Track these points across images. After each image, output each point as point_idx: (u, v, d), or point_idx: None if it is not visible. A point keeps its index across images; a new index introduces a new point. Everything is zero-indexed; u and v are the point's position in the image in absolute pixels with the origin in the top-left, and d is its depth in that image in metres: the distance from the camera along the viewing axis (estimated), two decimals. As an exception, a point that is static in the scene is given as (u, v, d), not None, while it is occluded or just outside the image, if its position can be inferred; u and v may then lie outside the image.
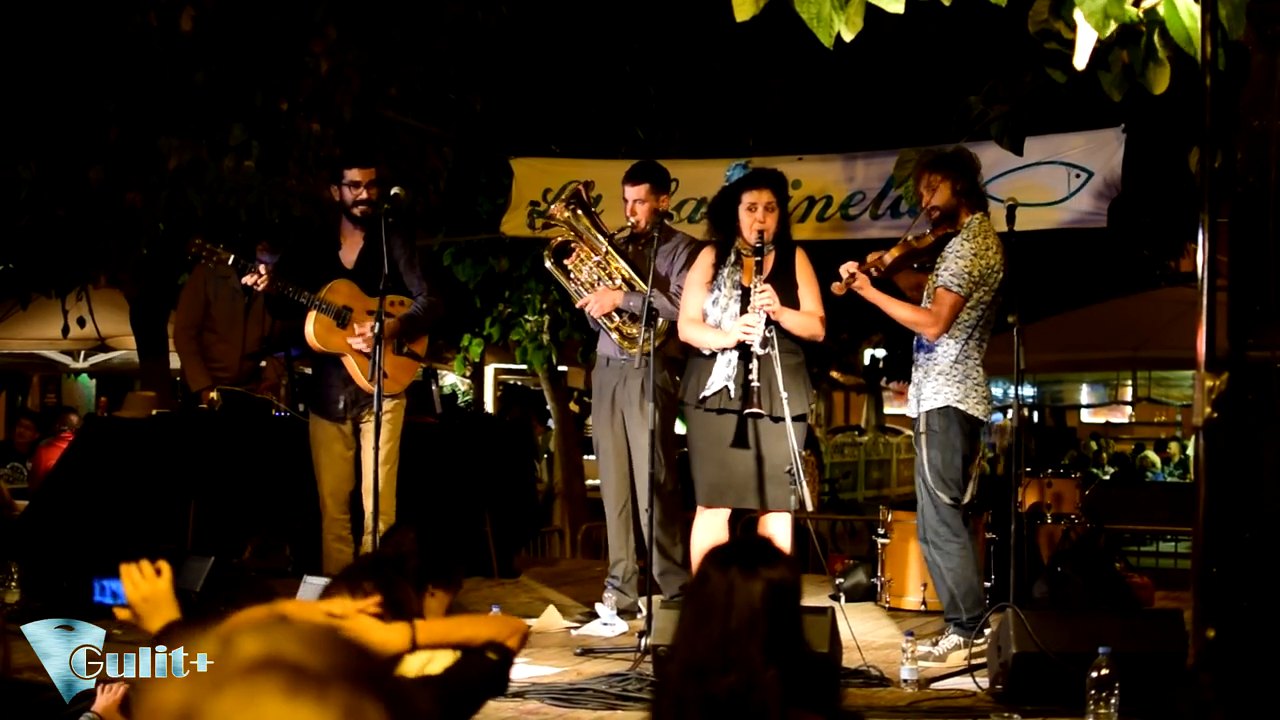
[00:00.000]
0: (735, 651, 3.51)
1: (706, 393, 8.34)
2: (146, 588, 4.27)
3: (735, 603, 3.55)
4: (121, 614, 4.32)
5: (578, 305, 9.27)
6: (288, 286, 8.71)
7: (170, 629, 4.22)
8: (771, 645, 3.55)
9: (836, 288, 8.39)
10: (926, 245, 8.48)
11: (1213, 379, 4.63)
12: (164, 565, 4.32)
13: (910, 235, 8.61)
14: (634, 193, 9.21)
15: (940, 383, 8.31)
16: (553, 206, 9.47)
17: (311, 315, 8.81)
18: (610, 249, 9.19)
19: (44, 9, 10.61)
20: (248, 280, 8.75)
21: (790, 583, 3.65)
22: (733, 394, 8.29)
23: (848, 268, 8.32)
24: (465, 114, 12.62)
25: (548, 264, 9.40)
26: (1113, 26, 5.25)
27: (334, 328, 8.84)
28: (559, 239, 9.39)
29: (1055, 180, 9.85)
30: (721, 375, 8.31)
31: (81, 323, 14.43)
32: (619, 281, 9.13)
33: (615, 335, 9.12)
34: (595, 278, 9.19)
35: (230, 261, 8.90)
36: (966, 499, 8.33)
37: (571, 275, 9.25)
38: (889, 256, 8.50)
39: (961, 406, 8.25)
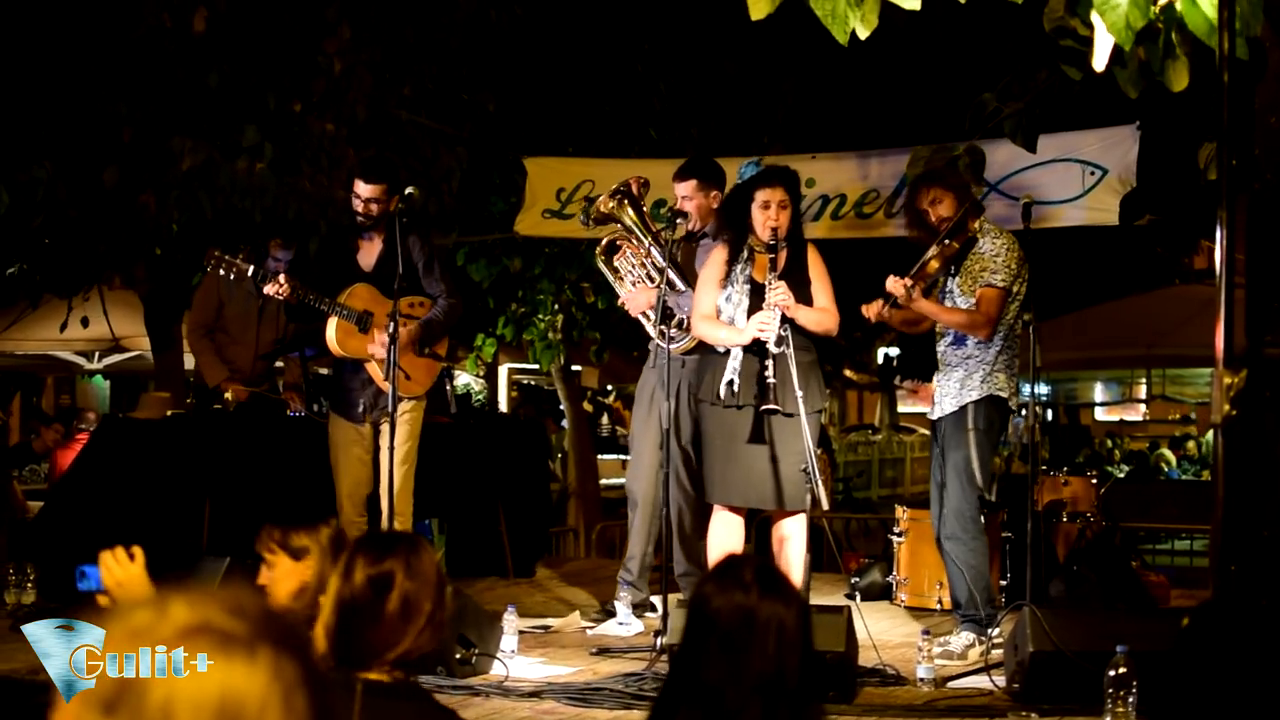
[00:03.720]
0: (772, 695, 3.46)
1: (720, 388, 8.31)
2: (121, 573, 4.33)
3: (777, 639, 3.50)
4: (102, 600, 4.37)
5: (619, 304, 9.24)
6: (308, 294, 8.69)
7: None
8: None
9: (899, 298, 8.28)
10: (954, 252, 8.45)
11: (1231, 376, 4.61)
12: (137, 550, 4.35)
13: (937, 244, 8.56)
14: (680, 189, 9.19)
15: (983, 374, 8.31)
16: (600, 199, 9.42)
17: (333, 321, 8.78)
18: (652, 246, 9.16)
19: (57, 11, 10.62)
20: (269, 290, 8.71)
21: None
22: (737, 388, 8.26)
23: (899, 284, 8.24)
24: (478, 113, 12.62)
25: (599, 263, 9.38)
26: (1134, 34, 5.23)
27: (355, 332, 8.81)
28: (609, 237, 9.37)
29: (1069, 178, 9.83)
30: (730, 370, 8.29)
31: (85, 322, 14.44)
32: (659, 280, 9.10)
33: (653, 333, 9.09)
34: (639, 275, 9.17)
35: (250, 273, 8.89)
36: (992, 496, 8.37)
37: (621, 273, 9.23)
38: (930, 268, 8.45)
39: (1003, 394, 8.29)
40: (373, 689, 3.71)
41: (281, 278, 8.69)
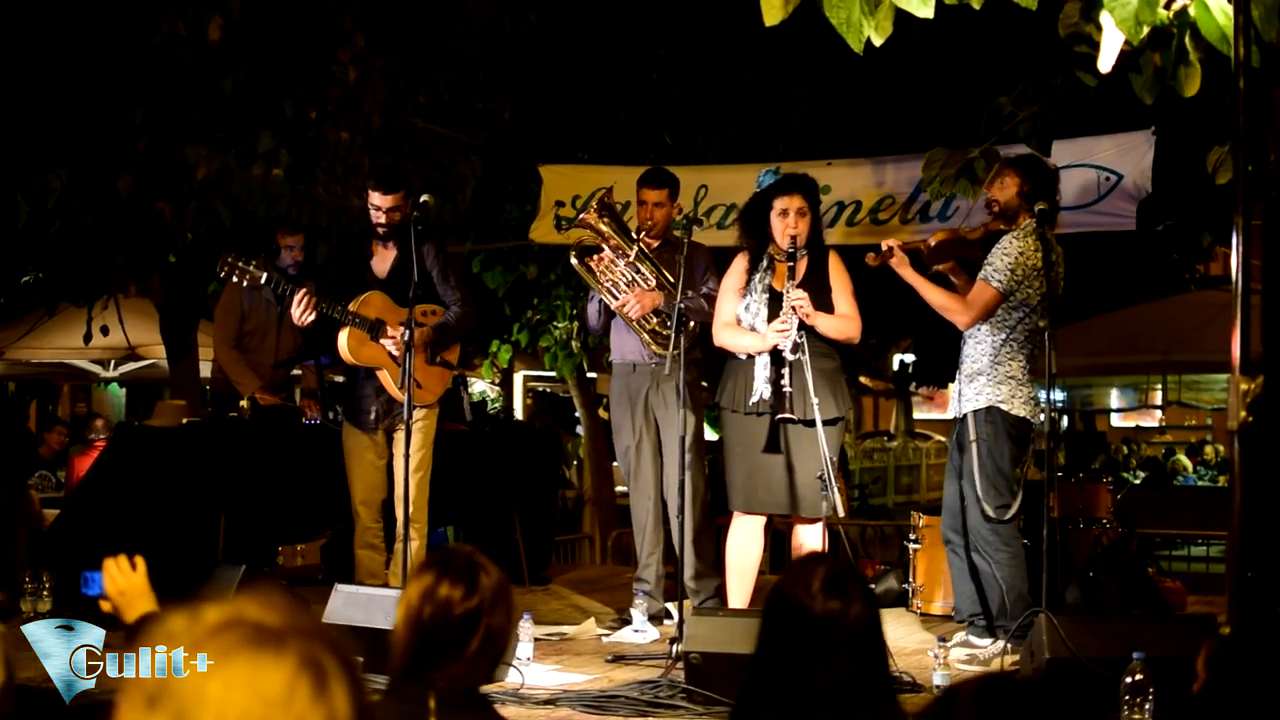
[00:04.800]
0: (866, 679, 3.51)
1: (753, 399, 8.32)
2: (123, 581, 4.39)
3: (858, 630, 3.55)
4: (104, 606, 4.43)
5: (614, 307, 9.21)
6: (322, 303, 8.69)
7: (146, 620, 4.31)
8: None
9: (870, 258, 8.36)
10: (976, 237, 8.42)
11: (1247, 382, 4.61)
12: (140, 560, 4.40)
13: (962, 224, 8.56)
14: (653, 196, 9.23)
15: (981, 383, 8.26)
16: (586, 216, 9.42)
17: (345, 330, 8.78)
18: (640, 252, 9.16)
19: (73, 19, 10.63)
20: (294, 313, 8.69)
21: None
22: (765, 398, 8.28)
23: (888, 242, 8.29)
24: (493, 121, 12.63)
25: (573, 262, 9.36)
26: (1144, 31, 5.22)
27: (367, 340, 8.81)
28: (583, 240, 9.36)
29: (1085, 183, 9.81)
30: (761, 380, 8.30)
31: (105, 331, 14.45)
32: (654, 283, 9.10)
33: (646, 337, 9.09)
34: (628, 280, 9.15)
35: (264, 279, 8.90)
36: (1013, 510, 8.24)
37: (601, 277, 9.21)
38: (934, 239, 8.47)
39: (1005, 407, 8.19)
40: (445, 701, 3.73)
41: (304, 300, 8.66)
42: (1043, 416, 8.32)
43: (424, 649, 3.80)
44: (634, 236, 9.22)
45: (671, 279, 8.93)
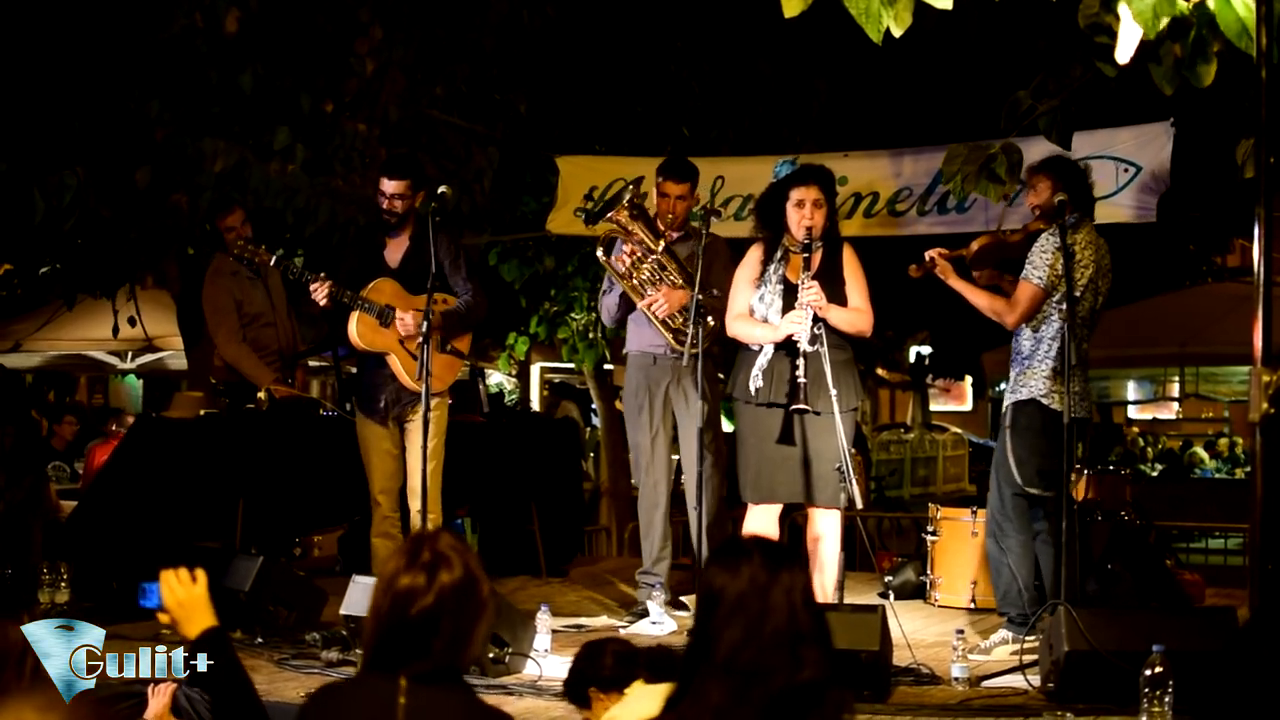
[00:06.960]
0: (793, 647, 3.50)
1: (753, 387, 8.32)
2: (183, 593, 4.31)
3: (787, 600, 3.55)
4: (162, 618, 4.37)
5: (642, 305, 9.20)
6: (333, 288, 8.70)
7: (208, 635, 4.27)
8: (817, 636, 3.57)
9: (914, 270, 8.37)
10: (1017, 240, 8.42)
11: (1269, 374, 4.59)
12: (200, 572, 4.35)
13: (1004, 227, 8.56)
14: (678, 189, 9.21)
15: (1025, 375, 8.27)
16: (617, 215, 9.36)
17: (355, 315, 8.80)
18: (667, 249, 9.15)
19: (90, 10, 10.64)
20: (315, 296, 8.72)
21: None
22: (772, 388, 8.27)
23: (930, 253, 8.31)
24: (510, 113, 12.63)
25: (600, 256, 9.38)
26: (1162, 24, 5.21)
27: (377, 327, 8.83)
28: (607, 233, 9.35)
29: (1104, 175, 9.77)
30: (757, 367, 8.30)
31: (132, 322, 14.44)
32: (680, 281, 9.09)
33: (669, 335, 9.08)
34: (655, 277, 9.15)
35: (272, 262, 8.92)
36: (1037, 494, 8.22)
37: (626, 274, 9.21)
38: (976, 244, 8.48)
39: (1046, 401, 8.18)
40: (416, 679, 3.72)
41: (320, 286, 8.68)
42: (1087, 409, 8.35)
43: (387, 645, 3.77)
44: (661, 233, 9.22)
45: (690, 272, 8.92)
